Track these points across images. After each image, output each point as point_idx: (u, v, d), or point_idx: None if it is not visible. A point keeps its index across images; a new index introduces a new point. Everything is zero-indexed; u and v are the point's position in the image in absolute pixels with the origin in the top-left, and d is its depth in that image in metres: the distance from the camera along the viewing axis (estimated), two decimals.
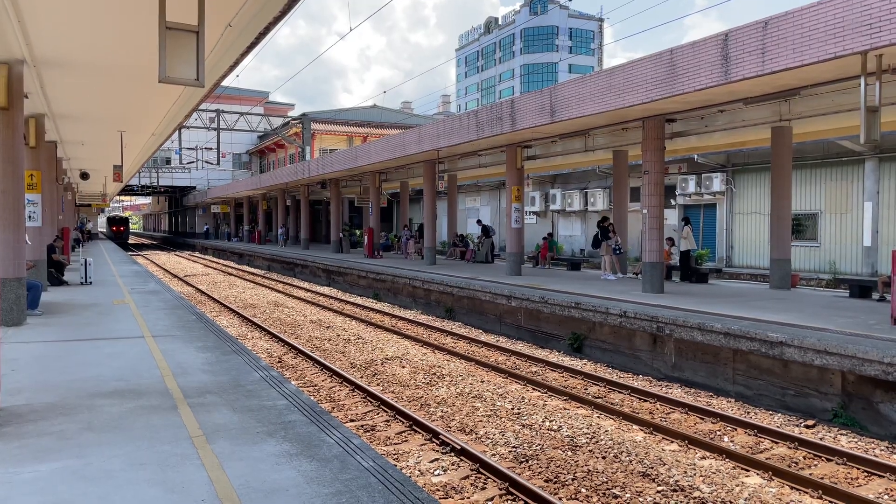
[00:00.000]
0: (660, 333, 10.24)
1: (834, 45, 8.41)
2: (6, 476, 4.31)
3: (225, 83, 11.24)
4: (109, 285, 17.04)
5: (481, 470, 6.25)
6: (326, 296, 21.24)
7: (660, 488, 5.91)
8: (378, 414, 8.21)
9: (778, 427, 7.60)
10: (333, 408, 8.50)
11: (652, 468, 6.36)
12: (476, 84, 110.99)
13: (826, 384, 8.08)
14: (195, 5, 6.09)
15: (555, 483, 6.07)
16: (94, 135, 17.23)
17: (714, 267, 19.86)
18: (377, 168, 25.37)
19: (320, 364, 10.78)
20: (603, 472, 6.27)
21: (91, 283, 16.89)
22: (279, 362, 11.21)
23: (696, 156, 20.79)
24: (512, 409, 8.33)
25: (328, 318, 16.23)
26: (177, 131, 21.63)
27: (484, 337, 13.69)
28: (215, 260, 42.35)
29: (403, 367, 10.72)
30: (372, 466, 4.58)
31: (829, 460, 6.62)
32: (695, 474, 6.22)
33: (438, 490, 5.88)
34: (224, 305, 18.39)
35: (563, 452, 6.83)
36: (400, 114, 53.39)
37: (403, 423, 7.74)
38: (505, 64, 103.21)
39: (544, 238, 23.38)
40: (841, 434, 7.45)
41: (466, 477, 6.16)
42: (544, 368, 10.82)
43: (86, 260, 17.32)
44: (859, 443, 7.18)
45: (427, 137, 19.22)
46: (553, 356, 11.76)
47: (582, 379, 10.07)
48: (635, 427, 7.69)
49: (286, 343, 12.65)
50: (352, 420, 7.97)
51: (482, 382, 9.72)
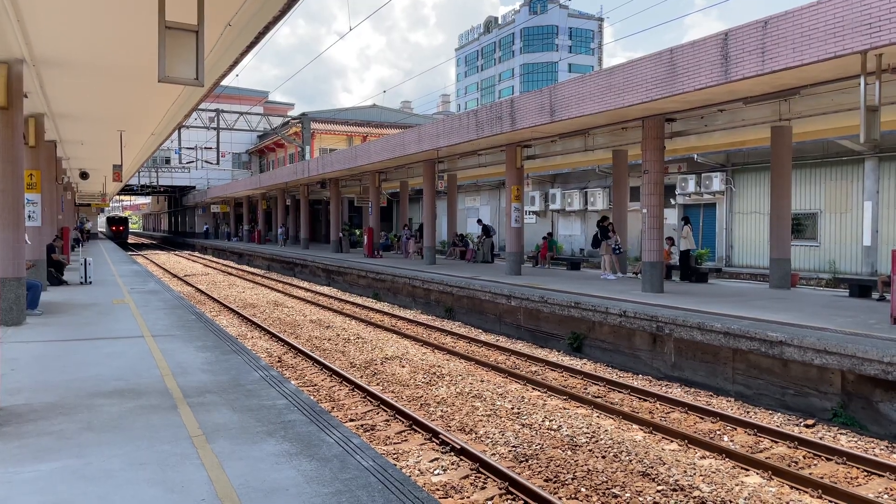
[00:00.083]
0: (659, 333, 10.25)
1: (834, 45, 8.41)
2: (6, 476, 4.31)
3: (224, 83, 11.23)
4: (109, 285, 17.04)
5: (481, 469, 6.25)
6: (326, 295, 21.24)
7: (659, 488, 5.91)
8: (378, 413, 8.21)
9: (778, 426, 7.61)
10: (333, 407, 8.50)
11: (652, 468, 6.36)
12: (476, 83, 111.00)
13: (826, 383, 8.08)
14: (194, 5, 6.09)
15: (554, 482, 6.08)
16: (94, 134, 17.23)
17: (714, 266, 19.87)
18: (377, 168, 25.37)
19: (320, 364, 10.78)
20: (603, 472, 6.27)
21: (91, 283, 16.89)
22: (279, 362, 11.21)
23: (696, 155, 20.79)
24: (512, 409, 8.33)
25: (328, 318, 16.23)
26: (176, 131, 21.61)
27: (484, 336, 13.69)
28: (215, 260, 42.35)
29: (403, 367, 10.72)
30: (372, 466, 4.57)
31: (829, 460, 6.62)
32: (695, 474, 6.22)
33: (438, 489, 5.88)
34: (224, 305, 18.39)
35: (563, 452, 6.83)
36: (400, 113, 53.38)
37: (403, 423, 7.74)
38: (505, 63, 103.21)
39: (544, 238, 23.38)
40: (841, 433, 7.45)
41: (466, 476, 6.16)
42: (544, 368, 10.82)
43: (85, 260, 17.31)
44: (859, 442, 7.19)
45: (427, 137, 19.21)
46: (553, 356, 11.76)
47: (582, 378, 10.07)
48: (635, 426, 7.70)
49: (286, 343, 12.65)
50: (351, 419, 7.97)
51: (482, 382, 9.72)
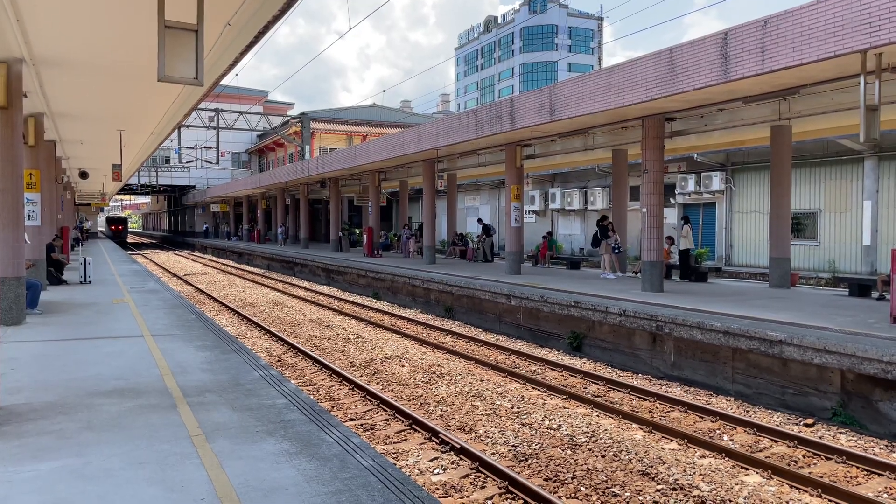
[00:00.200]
0: (659, 332, 10.25)
1: (833, 44, 8.41)
2: (6, 475, 4.31)
3: (224, 82, 11.22)
4: (109, 284, 17.04)
5: (481, 469, 6.25)
6: (326, 295, 21.24)
7: (659, 487, 5.91)
8: (377, 413, 8.21)
9: (777, 426, 7.61)
10: (333, 407, 8.50)
11: (651, 467, 6.36)
12: (475, 83, 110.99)
13: (825, 383, 8.08)
14: (194, 4, 6.08)
15: (554, 482, 6.08)
16: (94, 134, 17.21)
17: (713, 266, 19.86)
18: (376, 167, 25.36)
19: (320, 363, 10.79)
20: (602, 471, 6.27)
21: (90, 283, 16.88)
22: (278, 361, 11.21)
23: (696, 154, 20.78)
24: (511, 408, 8.33)
25: (327, 317, 16.23)
26: (176, 130, 21.60)
27: (483, 336, 13.69)
28: (215, 259, 42.34)
29: (403, 366, 10.72)
30: (371, 465, 4.57)
31: (829, 459, 6.62)
32: (694, 473, 6.23)
33: (438, 489, 5.88)
34: (223, 304, 18.38)
35: (563, 451, 6.83)
36: (399, 113, 53.36)
37: (403, 422, 7.74)
38: (504, 63, 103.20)
39: (544, 237, 23.37)
40: (840, 433, 7.45)
41: (466, 476, 6.16)
42: (544, 367, 10.82)
43: (85, 259, 17.31)
44: (858, 441, 7.19)
45: (426, 136, 19.21)
46: (552, 355, 11.76)
47: (581, 378, 10.08)
48: (635, 426, 7.70)
49: (285, 342, 12.65)
50: (351, 419, 7.97)
51: (482, 381, 9.72)
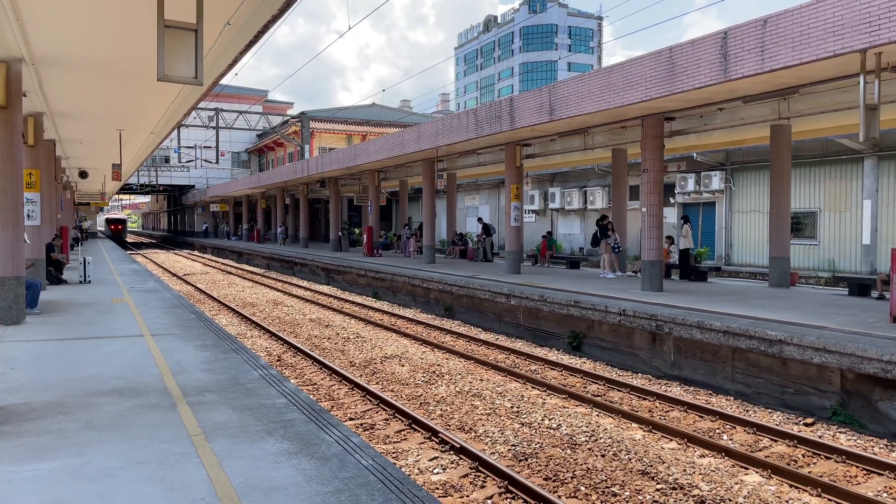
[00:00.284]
0: (659, 332, 10.25)
1: (833, 43, 8.41)
2: (5, 475, 4.31)
3: (224, 81, 11.23)
4: (108, 284, 17.03)
5: (480, 468, 6.25)
6: (325, 294, 21.24)
7: (659, 486, 5.92)
8: (377, 412, 8.21)
9: (777, 425, 7.61)
10: (332, 406, 8.50)
11: (651, 466, 6.36)
12: (475, 82, 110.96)
13: (825, 382, 8.08)
14: (193, 3, 6.08)
15: (554, 481, 6.08)
16: (93, 133, 17.21)
17: (713, 265, 19.87)
18: (376, 167, 25.36)
19: (319, 363, 10.78)
20: (602, 471, 6.27)
21: (90, 282, 16.88)
22: (278, 361, 11.21)
23: (696, 154, 20.79)
24: (511, 408, 8.33)
25: (327, 317, 16.23)
26: (175, 130, 21.59)
27: (483, 335, 13.69)
28: (214, 258, 42.33)
29: (403, 366, 10.72)
30: (371, 465, 4.57)
31: (829, 458, 6.63)
32: (694, 472, 6.23)
33: (438, 488, 5.88)
34: (223, 304, 18.38)
35: (563, 451, 6.83)
36: (399, 112, 53.35)
37: (403, 422, 7.74)
38: (504, 62, 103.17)
39: (543, 236, 23.37)
40: (840, 432, 7.45)
41: (466, 475, 6.16)
42: (543, 367, 10.82)
43: (84, 259, 17.30)
44: (858, 441, 7.19)
45: (426, 136, 19.20)
46: (552, 354, 11.76)
47: (581, 377, 10.08)
48: (634, 425, 7.70)
49: (285, 342, 12.65)
50: (351, 418, 7.97)
51: (481, 381, 9.72)
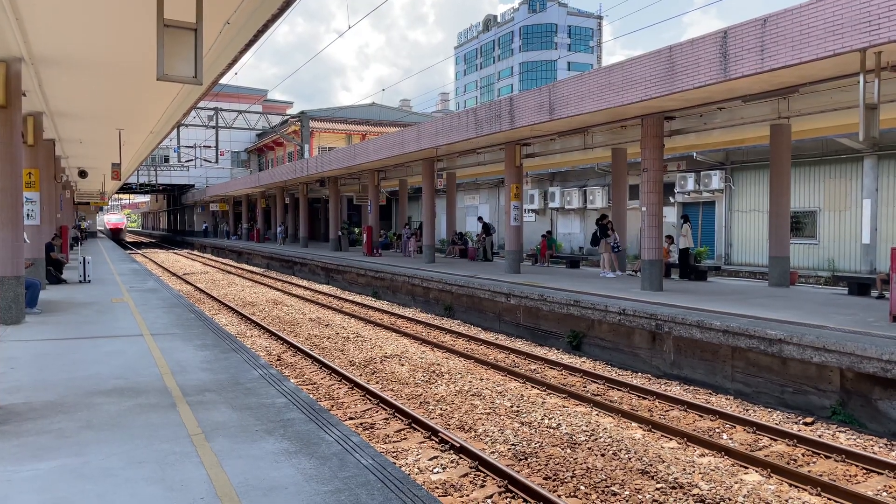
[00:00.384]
0: (659, 331, 10.25)
1: (833, 43, 8.41)
2: (5, 474, 4.31)
3: (223, 81, 11.23)
4: (108, 283, 17.03)
5: (480, 467, 6.25)
6: (325, 294, 21.24)
7: (658, 486, 5.92)
8: (377, 412, 8.21)
9: (776, 424, 7.61)
10: (332, 406, 8.50)
11: (651, 465, 6.36)
12: (475, 82, 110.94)
13: (825, 381, 8.09)
14: (193, 3, 6.08)
15: (554, 480, 6.08)
16: (93, 133, 17.20)
17: (713, 265, 19.87)
18: (376, 166, 25.35)
19: (319, 362, 10.78)
20: (602, 470, 6.27)
21: (90, 282, 16.87)
22: (278, 360, 11.21)
23: (695, 153, 20.79)
24: (511, 407, 8.33)
25: (327, 316, 16.23)
26: (175, 129, 21.58)
27: (483, 335, 13.69)
28: (214, 258, 42.32)
29: (402, 365, 10.72)
30: (371, 464, 4.57)
31: (828, 457, 6.63)
32: (693, 472, 6.23)
33: (437, 488, 5.88)
34: (223, 303, 18.38)
35: (562, 450, 6.83)
36: (399, 112, 53.36)
37: (402, 421, 7.74)
38: (504, 62, 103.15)
39: (543, 236, 23.36)
40: (839, 431, 7.46)
41: (465, 475, 6.16)
42: (543, 366, 10.82)
43: (84, 258, 17.30)
44: (858, 440, 7.19)
45: (426, 135, 19.20)
46: (552, 354, 11.76)
47: (581, 377, 10.08)
48: (634, 424, 7.70)
49: (285, 341, 12.64)
50: (351, 418, 7.97)
51: (481, 380, 9.73)
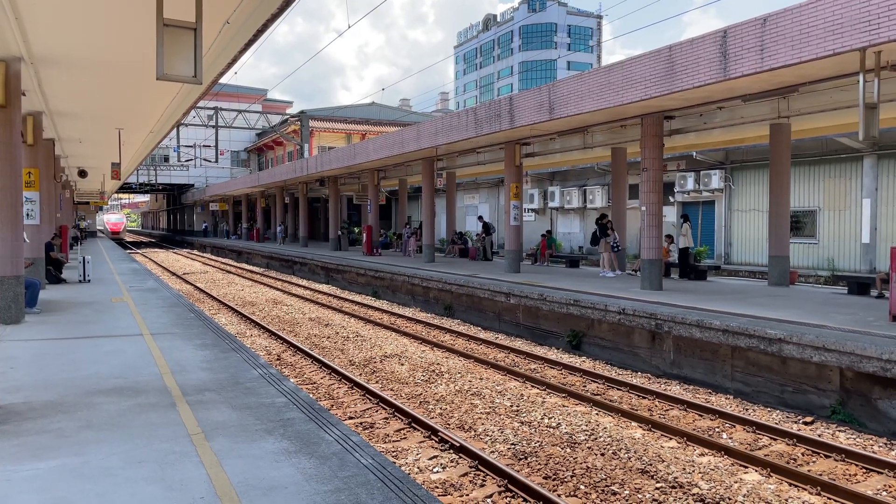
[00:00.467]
0: (658, 330, 10.25)
1: (832, 42, 8.41)
2: (5, 474, 4.31)
3: (223, 80, 11.23)
4: (108, 283, 17.02)
5: (480, 467, 6.25)
6: (325, 293, 21.24)
7: (658, 485, 5.92)
8: (377, 411, 8.21)
9: (776, 424, 7.62)
10: (332, 405, 8.50)
11: (651, 465, 6.37)
12: (474, 81, 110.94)
13: (824, 381, 8.09)
14: (192, 2, 6.07)
15: (554, 480, 6.08)
16: (92, 132, 17.20)
17: (713, 264, 19.87)
18: (375, 165, 25.35)
19: (319, 362, 10.78)
20: (602, 469, 6.28)
21: (89, 281, 16.87)
22: (278, 360, 11.21)
23: (695, 153, 20.78)
24: (511, 407, 8.33)
25: (327, 316, 16.23)
26: (175, 129, 21.59)
27: (483, 334, 13.69)
28: (214, 258, 42.31)
29: (402, 365, 10.72)
30: (371, 464, 4.57)
31: (828, 457, 6.63)
32: (693, 471, 6.23)
33: (437, 487, 5.88)
34: (222, 303, 18.38)
35: (562, 449, 6.83)
36: (398, 111, 53.36)
37: (402, 421, 7.74)
38: (503, 61, 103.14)
39: (543, 235, 23.37)
40: (839, 431, 7.46)
41: (465, 474, 6.16)
42: (543, 366, 10.82)
43: (84, 258, 17.29)
44: (857, 439, 7.20)
45: (425, 135, 19.20)
46: (552, 353, 11.76)
47: (581, 376, 10.08)
48: (634, 424, 7.70)
49: (285, 341, 12.64)
50: (351, 417, 7.97)
51: (481, 380, 9.73)
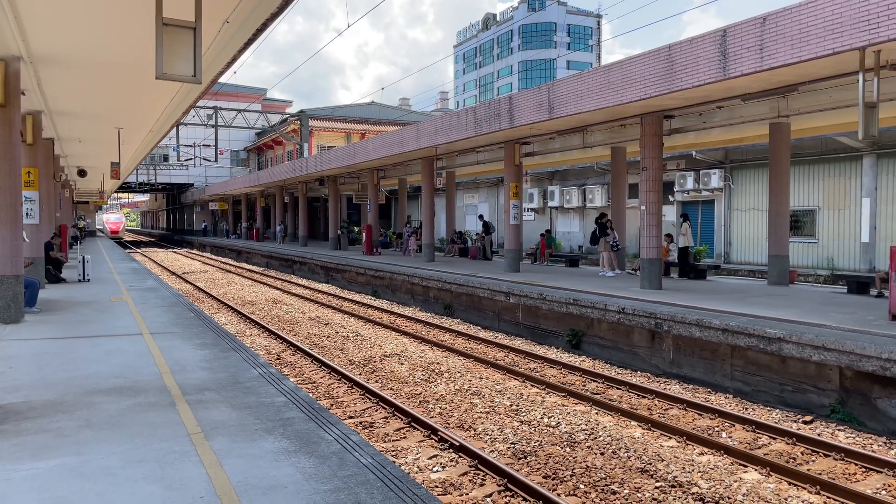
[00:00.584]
0: (658, 330, 10.26)
1: (832, 41, 8.41)
2: (4, 473, 4.31)
3: (222, 80, 11.22)
4: (107, 282, 17.02)
5: (480, 466, 6.25)
6: (325, 293, 21.23)
7: (658, 484, 5.92)
8: (377, 411, 8.21)
9: (776, 423, 7.62)
10: (332, 405, 8.50)
11: (650, 464, 6.37)
12: (474, 81, 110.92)
13: (824, 380, 8.09)
14: (192, 1, 6.07)
15: (553, 479, 6.08)
16: (92, 132, 17.19)
17: (712, 263, 19.88)
18: (375, 165, 25.34)
19: (319, 361, 10.78)
20: (601, 468, 6.28)
21: (89, 281, 16.86)
22: (277, 359, 11.21)
23: (695, 152, 20.77)
24: (510, 406, 8.34)
25: (326, 315, 16.23)
26: (174, 128, 21.57)
27: (482, 334, 13.69)
28: (213, 257, 42.30)
29: (402, 364, 10.72)
30: (370, 463, 4.57)
31: (827, 456, 6.64)
32: (693, 470, 6.24)
33: (437, 486, 5.88)
34: (222, 302, 18.37)
35: (562, 449, 6.83)
36: (398, 110, 53.36)
37: (402, 420, 7.74)
38: (503, 60, 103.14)
39: (542, 235, 23.37)
40: (839, 430, 7.46)
41: (465, 473, 6.16)
42: (543, 365, 10.83)
43: (83, 257, 17.28)
44: (857, 438, 7.20)
45: (425, 134, 19.19)
46: (551, 353, 11.77)
47: (580, 375, 10.08)
48: (633, 423, 7.71)
49: (284, 340, 12.64)
50: (350, 417, 7.97)
51: (480, 379, 9.73)
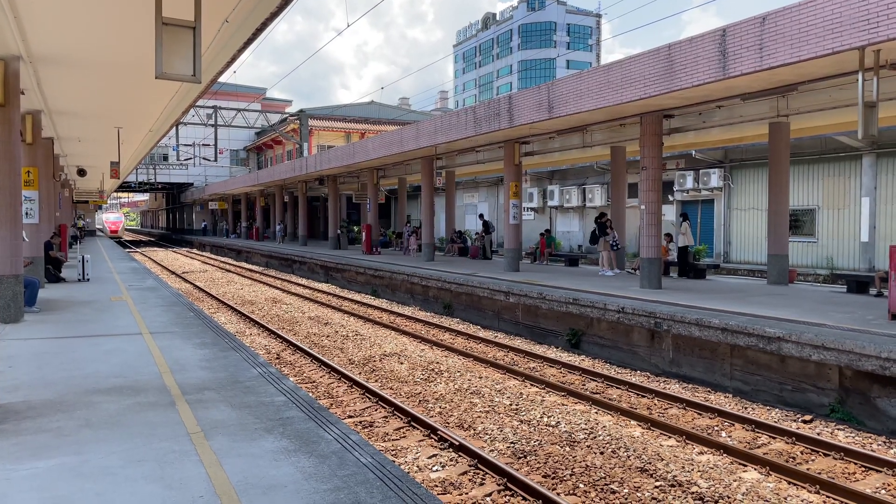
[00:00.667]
0: (658, 329, 10.26)
1: (832, 41, 8.41)
2: (4, 473, 4.31)
3: (222, 79, 11.23)
4: (107, 282, 17.01)
5: (479, 465, 6.25)
6: (324, 292, 21.23)
7: (658, 483, 5.93)
8: (376, 410, 8.21)
9: (775, 422, 7.62)
10: (332, 404, 8.51)
11: (650, 463, 6.37)
12: (474, 80, 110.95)
13: (823, 379, 8.10)
14: (191, 1, 6.07)
15: (553, 478, 6.09)
16: (91, 131, 17.19)
17: (712, 262, 19.89)
18: (375, 164, 25.35)
19: (318, 360, 10.79)
20: (601, 468, 6.28)
21: (89, 280, 16.86)
22: (277, 359, 11.21)
23: (694, 151, 20.78)
24: (510, 405, 8.34)
25: (326, 315, 16.23)
26: (174, 128, 21.56)
27: (482, 333, 13.69)
28: (213, 256, 42.30)
29: (402, 364, 10.73)
30: (370, 462, 4.58)
31: (827, 455, 6.64)
32: (692, 469, 6.24)
33: (437, 486, 5.89)
34: (222, 302, 18.37)
35: (562, 448, 6.84)
36: (397, 110, 53.34)
37: (402, 419, 7.75)
38: (503, 60, 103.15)
39: (542, 234, 23.36)
40: (838, 429, 7.47)
41: (465, 472, 6.17)
42: (542, 364, 10.83)
43: (83, 257, 17.28)
44: (857, 438, 7.20)
45: (425, 134, 19.19)
46: (551, 352, 11.77)
47: (580, 375, 10.09)
48: (633, 422, 7.71)
49: (284, 339, 12.64)
50: (350, 416, 7.98)
51: (480, 378, 9.73)
